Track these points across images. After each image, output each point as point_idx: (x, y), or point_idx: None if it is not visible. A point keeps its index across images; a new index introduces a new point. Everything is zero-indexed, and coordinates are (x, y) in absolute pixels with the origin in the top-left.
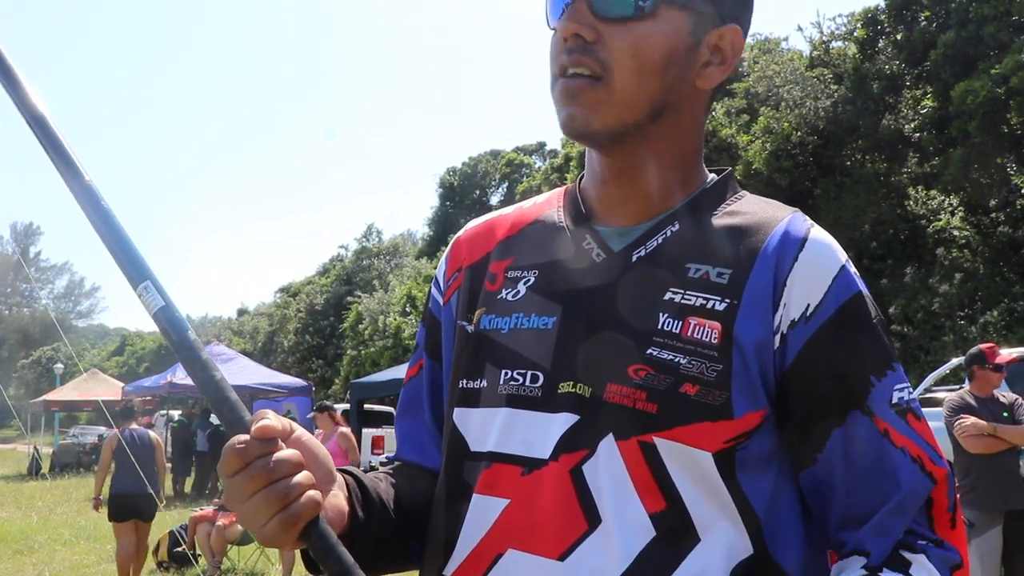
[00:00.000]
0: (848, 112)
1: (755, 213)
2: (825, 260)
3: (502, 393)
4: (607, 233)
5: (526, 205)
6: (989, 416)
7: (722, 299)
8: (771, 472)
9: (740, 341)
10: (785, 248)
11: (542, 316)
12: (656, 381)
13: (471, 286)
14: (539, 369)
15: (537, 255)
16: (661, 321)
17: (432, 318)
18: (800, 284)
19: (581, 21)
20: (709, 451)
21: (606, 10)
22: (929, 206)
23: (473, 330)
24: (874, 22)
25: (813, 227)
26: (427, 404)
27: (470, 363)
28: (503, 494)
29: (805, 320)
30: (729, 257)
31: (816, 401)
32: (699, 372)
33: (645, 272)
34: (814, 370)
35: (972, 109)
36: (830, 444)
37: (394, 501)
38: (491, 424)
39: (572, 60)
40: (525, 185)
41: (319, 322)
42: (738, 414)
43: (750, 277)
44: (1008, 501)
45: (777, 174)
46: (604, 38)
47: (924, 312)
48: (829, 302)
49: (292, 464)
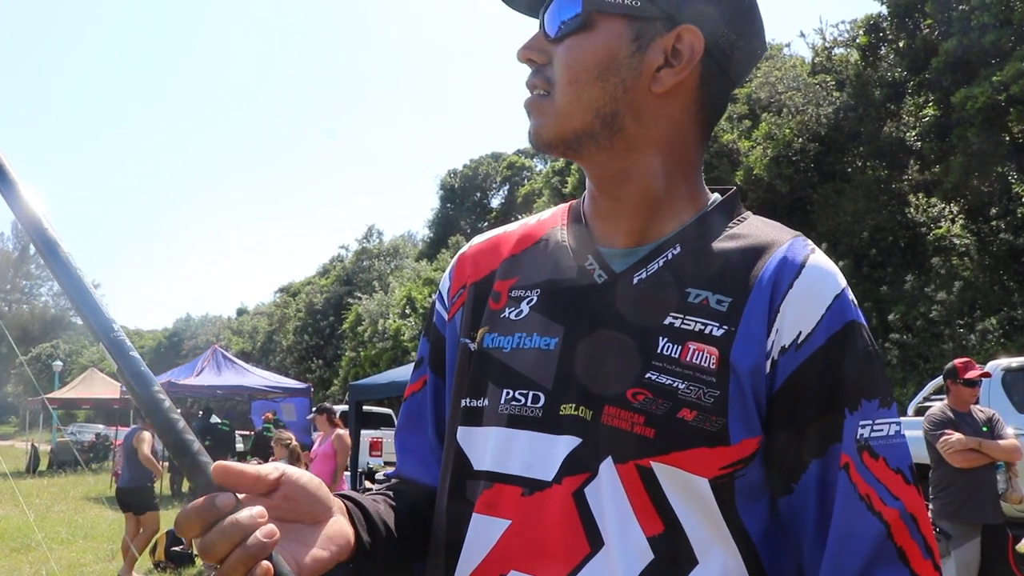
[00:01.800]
0: (850, 119)
1: (757, 237)
2: (821, 288)
3: (503, 413)
4: (609, 254)
5: (531, 222)
6: (968, 431)
7: (720, 325)
8: (767, 498)
9: (736, 367)
10: (782, 274)
11: (544, 336)
12: (654, 406)
13: (475, 304)
14: (540, 390)
15: (540, 274)
16: (661, 345)
17: (437, 333)
18: (793, 311)
19: (534, 46)
20: (705, 477)
21: (549, 32)
22: (929, 213)
23: (476, 348)
24: (876, 29)
25: (813, 253)
26: (431, 420)
27: (473, 382)
28: (504, 515)
29: (795, 347)
30: (729, 283)
31: (798, 430)
32: (697, 398)
33: (646, 295)
34: (798, 399)
35: (972, 116)
36: (806, 475)
37: (395, 523)
38: (491, 443)
39: (531, 82)
40: (526, 188)
41: (319, 322)
42: (735, 440)
43: (748, 303)
44: (986, 514)
45: (778, 180)
46: (552, 57)
47: (923, 319)
48: (820, 331)
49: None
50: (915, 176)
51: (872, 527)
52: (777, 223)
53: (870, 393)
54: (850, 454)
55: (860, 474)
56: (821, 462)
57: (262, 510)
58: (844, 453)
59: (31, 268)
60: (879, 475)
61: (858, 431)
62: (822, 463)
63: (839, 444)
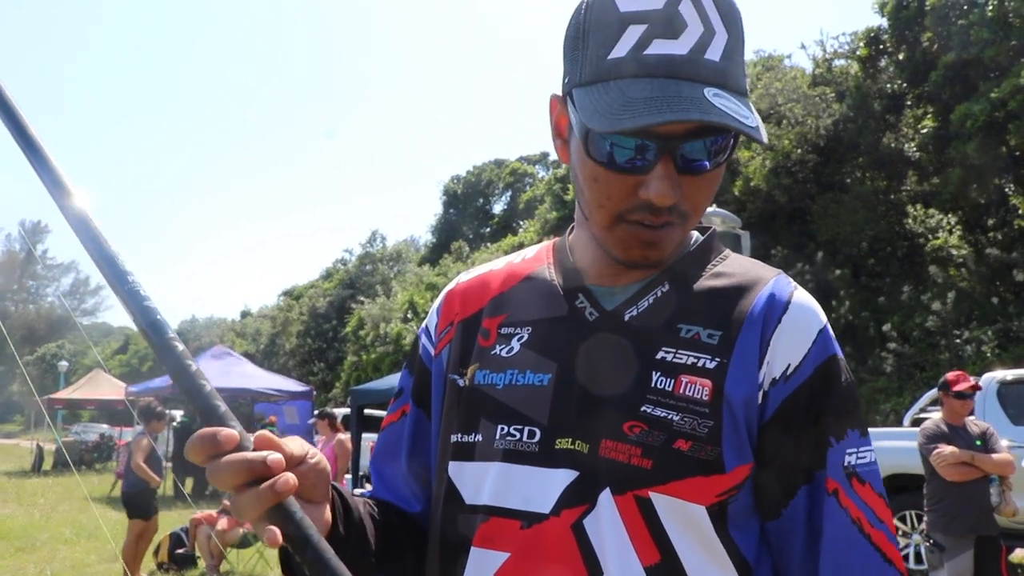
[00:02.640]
0: (849, 130)
1: (741, 275)
2: (807, 323)
3: (498, 448)
4: (599, 292)
5: (515, 261)
6: (962, 444)
7: (712, 358)
8: (758, 521)
9: (730, 398)
10: (771, 310)
11: (537, 373)
12: (650, 438)
13: (463, 341)
14: (536, 425)
15: (530, 312)
16: (654, 379)
17: (423, 367)
18: (783, 345)
19: (672, 188)
20: (703, 504)
21: (695, 168)
22: (927, 224)
23: (467, 385)
24: (876, 41)
25: (796, 290)
26: (405, 451)
27: (464, 417)
28: (502, 548)
29: (785, 379)
30: (719, 318)
31: (786, 457)
32: (691, 428)
33: (638, 331)
34: (787, 428)
35: (971, 132)
36: (795, 501)
37: (372, 528)
38: (487, 478)
39: (659, 220)
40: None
41: (321, 325)
42: (729, 468)
43: (739, 337)
44: (979, 526)
45: (776, 191)
46: (684, 190)
47: (920, 330)
48: (808, 364)
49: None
50: (914, 187)
51: (868, 550)
52: (757, 260)
53: (853, 423)
54: (838, 480)
55: (851, 499)
56: (809, 487)
57: (280, 458)
58: (831, 479)
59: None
60: (867, 500)
61: (845, 458)
62: (810, 488)
63: (825, 471)
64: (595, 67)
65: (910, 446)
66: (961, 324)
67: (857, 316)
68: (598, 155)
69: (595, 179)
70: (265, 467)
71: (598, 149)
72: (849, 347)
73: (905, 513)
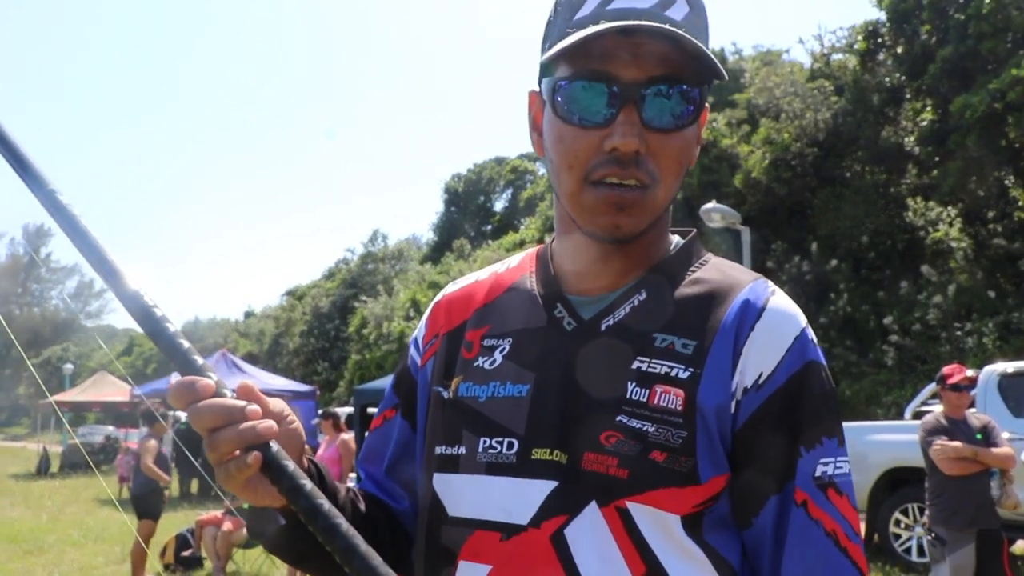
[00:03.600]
0: (848, 123)
1: (719, 281)
2: (782, 330)
3: (481, 461)
4: (577, 301)
5: (500, 270)
6: (962, 438)
7: (686, 368)
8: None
9: (703, 408)
10: (744, 317)
11: (517, 384)
12: (626, 448)
13: (447, 353)
14: (513, 436)
15: (511, 323)
16: (630, 390)
17: (409, 378)
18: (755, 353)
19: (637, 135)
20: (678, 514)
21: (660, 122)
22: (927, 217)
23: (451, 397)
24: (875, 35)
25: (773, 295)
26: (388, 458)
27: (448, 430)
28: (485, 560)
29: (756, 388)
30: (693, 327)
31: (756, 467)
32: (665, 439)
33: (614, 341)
34: (757, 437)
35: (970, 124)
36: (764, 511)
37: (350, 514)
38: (472, 491)
39: (625, 173)
40: (529, 192)
41: (324, 325)
42: (704, 479)
43: (712, 346)
44: (980, 520)
45: (776, 184)
46: (651, 147)
47: (921, 322)
48: (780, 372)
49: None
50: (913, 180)
51: (843, 563)
52: (738, 264)
53: (829, 432)
54: (807, 491)
55: (824, 510)
56: (778, 497)
57: (258, 409)
58: (800, 489)
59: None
60: (844, 512)
61: (818, 468)
62: (780, 498)
63: (794, 481)
64: (560, 31)
65: (911, 439)
66: (962, 317)
67: (857, 309)
68: (563, 112)
69: (560, 139)
70: (243, 414)
71: (562, 106)
72: (850, 340)
73: (907, 506)
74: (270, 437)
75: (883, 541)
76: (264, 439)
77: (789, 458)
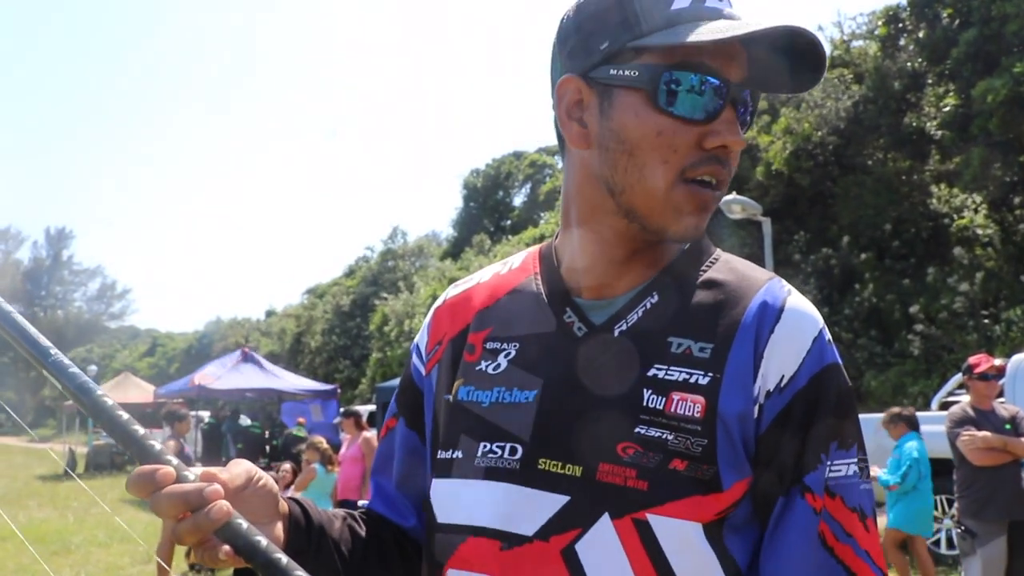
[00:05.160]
0: (869, 111)
1: (733, 282)
2: (801, 331)
3: (479, 465)
4: (587, 306)
5: (502, 271)
6: (990, 428)
7: (705, 373)
8: (755, 529)
9: (724, 414)
10: (763, 319)
11: (524, 390)
12: (645, 459)
13: (452, 358)
14: (517, 442)
15: (517, 327)
16: (646, 398)
17: (413, 387)
18: (777, 355)
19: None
20: (700, 522)
21: (744, 124)
22: (952, 204)
23: (452, 400)
24: (896, 20)
25: (790, 295)
26: (395, 468)
27: (445, 434)
28: (481, 569)
29: (779, 390)
30: (710, 330)
31: (775, 469)
32: (686, 448)
33: (627, 347)
34: (779, 439)
35: (992, 107)
36: (775, 512)
37: (349, 544)
38: (466, 496)
39: (722, 173)
40: (548, 185)
41: (345, 323)
42: (727, 486)
43: (731, 350)
44: (1011, 511)
45: (798, 174)
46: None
47: (947, 311)
48: (803, 373)
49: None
50: (936, 167)
51: (828, 563)
52: (750, 263)
53: (839, 434)
54: (817, 491)
55: (830, 512)
56: (784, 500)
57: (217, 489)
58: (808, 492)
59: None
60: (836, 514)
61: (827, 471)
62: (785, 500)
63: (803, 483)
64: (662, 16)
65: (938, 430)
66: (989, 304)
67: (882, 299)
68: (665, 103)
69: (659, 133)
70: (201, 498)
71: (666, 97)
72: (875, 330)
73: (935, 498)
74: (224, 520)
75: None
76: (219, 523)
77: (803, 459)
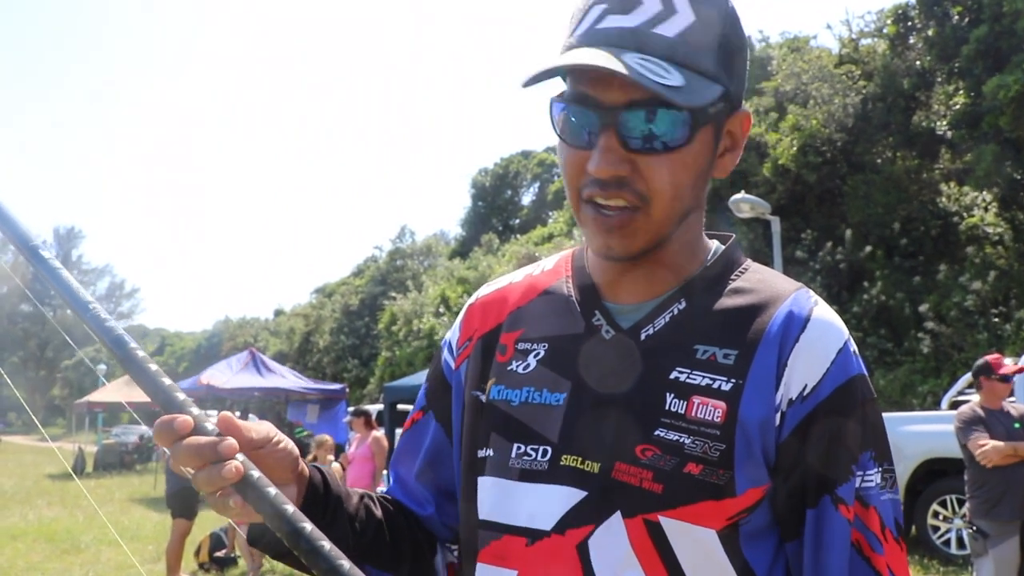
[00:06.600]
0: (878, 109)
1: (760, 291)
2: (826, 342)
3: (515, 467)
4: (616, 310)
5: (535, 272)
6: (1000, 428)
7: (728, 379)
8: (773, 538)
9: (745, 421)
10: (788, 328)
11: (554, 392)
12: (662, 462)
13: (483, 356)
14: (547, 443)
15: (547, 328)
16: (668, 401)
17: (443, 380)
18: (801, 364)
19: (616, 161)
20: (713, 528)
21: (645, 145)
22: (962, 202)
23: (485, 400)
24: (905, 18)
25: (816, 305)
26: (420, 458)
27: (477, 431)
28: (511, 565)
29: (802, 399)
30: (735, 338)
31: (801, 479)
32: (702, 452)
33: (653, 351)
34: (803, 449)
35: (1003, 104)
36: (806, 523)
37: (363, 521)
38: (501, 495)
39: (607, 194)
40: (556, 185)
41: (354, 322)
42: (740, 491)
43: (755, 358)
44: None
45: (806, 171)
46: (639, 169)
47: (957, 309)
48: (826, 384)
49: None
50: (946, 165)
51: (867, 573)
52: (779, 273)
53: (865, 445)
54: (848, 502)
55: (854, 526)
56: (816, 512)
57: (232, 443)
58: (842, 503)
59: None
60: (869, 524)
61: (857, 481)
62: (816, 512)
63: (835, 494)
64: (565, 43)
65: (948, 430)
66: (999, 303)
67: (891, 297)
68: (557, 130)
69: (564, 159)
70: (215, 452)
71: (556, 125)
72: (884, 329)
73: (945, 498)
74: (235, 479)
75: (921, 534)
76: (229, 481)
77: (832, 470)
